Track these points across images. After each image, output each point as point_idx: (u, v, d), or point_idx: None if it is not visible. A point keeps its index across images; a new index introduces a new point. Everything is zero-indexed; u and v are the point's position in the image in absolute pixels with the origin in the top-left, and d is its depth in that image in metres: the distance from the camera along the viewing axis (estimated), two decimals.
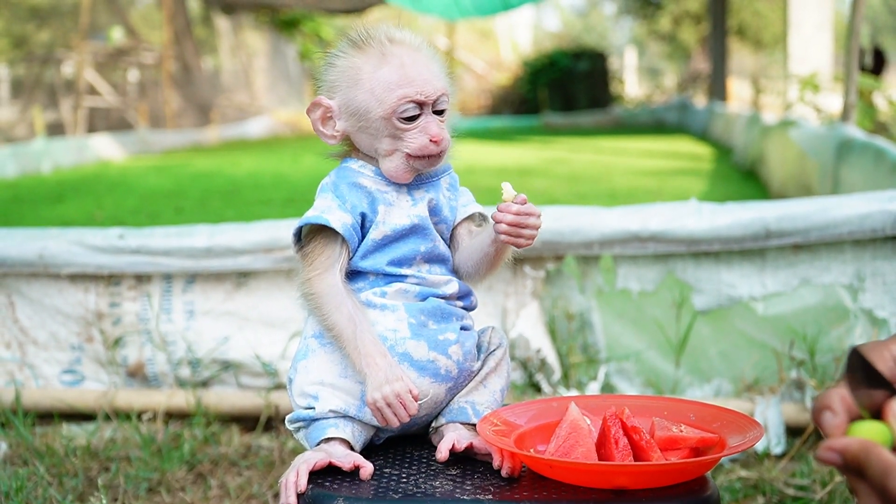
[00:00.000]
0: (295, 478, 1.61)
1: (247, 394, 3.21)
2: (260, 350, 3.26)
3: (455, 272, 1.83)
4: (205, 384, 3.29)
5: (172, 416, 3.20)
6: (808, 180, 6.99)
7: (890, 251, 3.09)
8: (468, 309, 1.83)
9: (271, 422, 3.16)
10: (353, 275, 1.76)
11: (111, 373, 3.32)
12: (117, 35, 20.78)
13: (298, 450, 2.91)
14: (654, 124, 21.41)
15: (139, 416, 3.17)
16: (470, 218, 1.84)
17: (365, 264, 1.75)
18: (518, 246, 1.73)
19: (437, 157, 1.75)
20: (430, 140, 1.71)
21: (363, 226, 1.75)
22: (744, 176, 9.85)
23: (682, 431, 1.64)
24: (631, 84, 32.87)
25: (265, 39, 26.11)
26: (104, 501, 2.53)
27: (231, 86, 24.45)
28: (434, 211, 1.79)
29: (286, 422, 1.77)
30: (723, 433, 1.64)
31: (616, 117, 23.36)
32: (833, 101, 10.10)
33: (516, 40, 35.68)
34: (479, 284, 1.86)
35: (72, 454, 2.91)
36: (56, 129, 18.14)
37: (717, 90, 19.49)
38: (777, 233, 3.10)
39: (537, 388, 3.13)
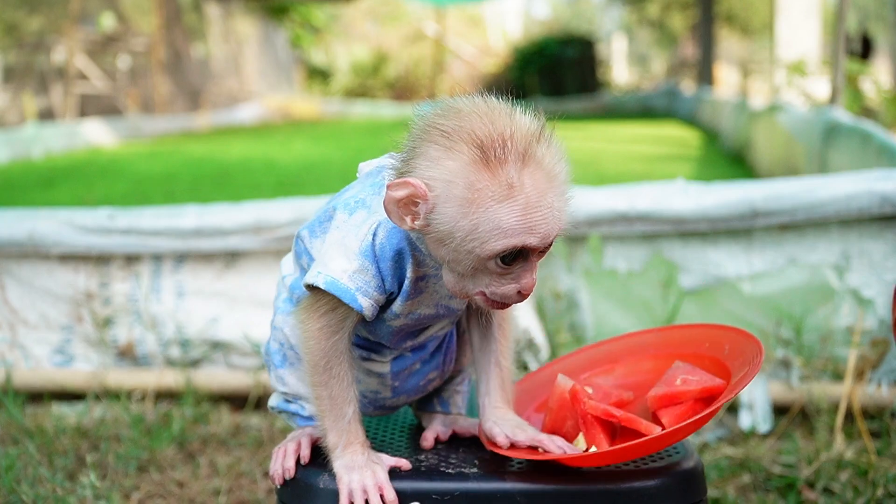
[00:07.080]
0: (296, 446, 1.62)
1: (236, 373, 3.21)
2: (249, 330, 3.25)
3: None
4: (194, 364, 3.29)
5: (162, 395, 3.20)
6: (796, 164, 7.00)
7: (876, 231, 3.09)
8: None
9: (260, 401, 3.16)
10: None
11: (101, 353, 3.31)
12: (108, 21, 20.66)
13: (287, 429, 2.92)
14: (642, 110, 21.36)
15: (129, 395, 3.17)
16: None
17: (370, 336, 1.67)
18: None
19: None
20: (519, 292, 1.45)
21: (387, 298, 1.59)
22: (731, 160, 9.84)
23: (683, 383, 1.62)
24: (619, 70, 32.84)
25: (255, 26, 25.98)
26: (93, 480, 2.53)
27: (221, 72, 24.33)
28: None
29: (269, 408, 1.77)
30: (732, 363, 1.62)
31: (605, 103, 23.31)
32: (821, 86, 10.10)
33: (505, 27, 35.57)
34: None
35: (62, 433, 2.91)
36: (47, 115, 18.01)
37: (705, 76, 19.45)
38: (764, 212, 3.10)
39: (525, 368, 3.13)
